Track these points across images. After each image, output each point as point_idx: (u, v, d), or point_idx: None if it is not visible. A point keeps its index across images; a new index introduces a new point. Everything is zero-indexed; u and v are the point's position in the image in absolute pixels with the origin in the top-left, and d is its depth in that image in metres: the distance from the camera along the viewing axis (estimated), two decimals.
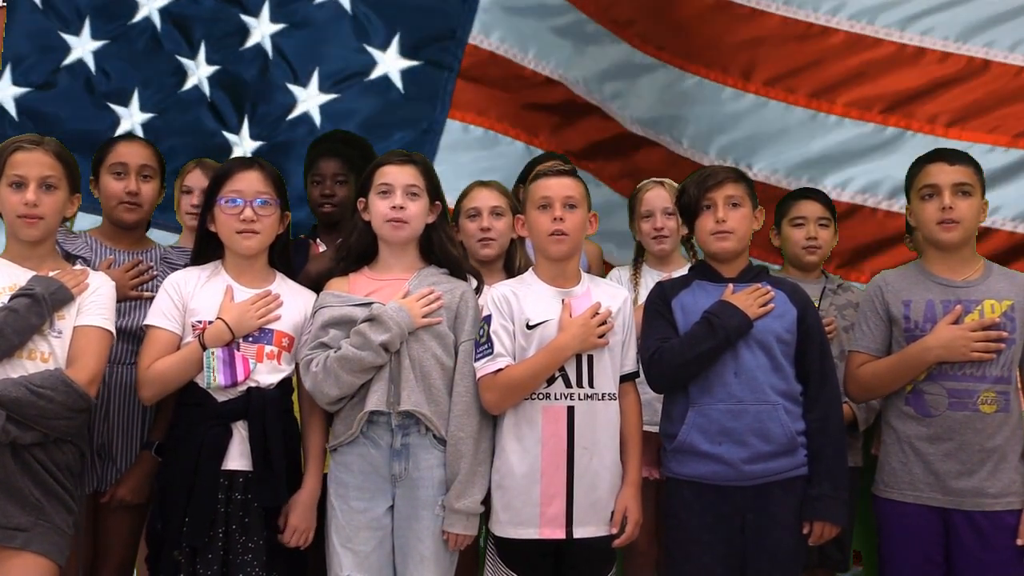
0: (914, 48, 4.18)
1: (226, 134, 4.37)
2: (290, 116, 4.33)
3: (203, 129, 4.39)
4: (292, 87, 4.33)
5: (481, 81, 4.33)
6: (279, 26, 4.37)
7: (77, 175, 2.89)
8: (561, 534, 2.75)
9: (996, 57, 4.13)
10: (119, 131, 4.39)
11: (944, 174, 2.96)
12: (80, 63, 4.49)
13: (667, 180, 3.56)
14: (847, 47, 4.23)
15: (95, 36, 4.50)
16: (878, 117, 4.21)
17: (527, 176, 3.82)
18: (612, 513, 2.80)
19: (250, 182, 2.88)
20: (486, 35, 4.32)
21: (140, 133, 4.32)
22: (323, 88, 4.31)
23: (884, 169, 4.11)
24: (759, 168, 4.27)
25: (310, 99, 4.30)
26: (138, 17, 4.51)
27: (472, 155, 4.12)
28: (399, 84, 4.30)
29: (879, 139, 4.19)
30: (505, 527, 2.78)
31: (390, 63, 4.31)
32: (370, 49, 4.32)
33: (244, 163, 2.97)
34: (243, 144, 4.36)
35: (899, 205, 4.02)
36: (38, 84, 4.51)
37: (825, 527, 2.78)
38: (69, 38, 4.49)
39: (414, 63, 4.31)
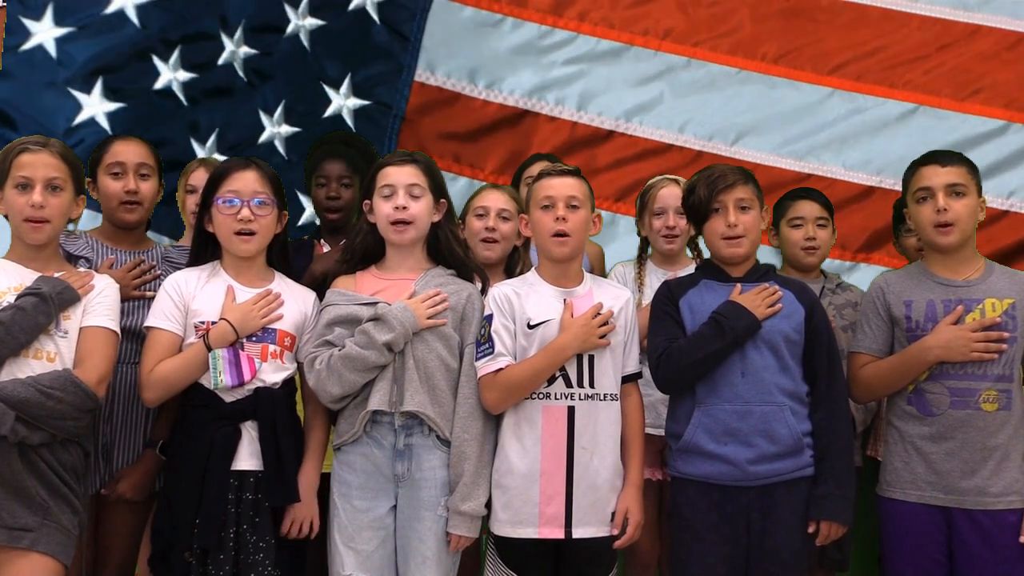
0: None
1: (193, 142, 4.39)
2: (260, 140, 4.39)
3: (174, 129, 4.41)
4: (262, 113, 4.39)
5: (427, 119, 4.43)
6: (253, 51, 4.42)
7: (82, 177, 2.92)
8: (560, 534, 2.77)
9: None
10: (79, 119, 4.40)
11: (937, 176, 3.00)
12: (40, 48, 4.50)
13: (681, 178, 3.52)
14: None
15: (58, 23, 4.50)
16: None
17: (518, 180, 3.85)
18: (613, 514, 2.82)
19: (247, 182, 2.89)
20: (431, 71, 4.43)
21: (105, 122, 4.31)
22: (288, 120, 4.37)
23: None
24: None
25: (274, 128, 4.36)
26: (111, 8, 4.52)
27: None
28: (351, 123, 4.38)
29: None
30: (504, 526, 2.80)
31: (343, 101, 4.39)
32: (326, 88, 4.40)
33: (241, 163, 2.96)
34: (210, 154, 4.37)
35: None
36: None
37: (832, 527, 2.80)
38: (28, 23, 4.50)
39: (364, 103, 4.40)
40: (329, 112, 4.38)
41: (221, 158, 4.13)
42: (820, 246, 3.56)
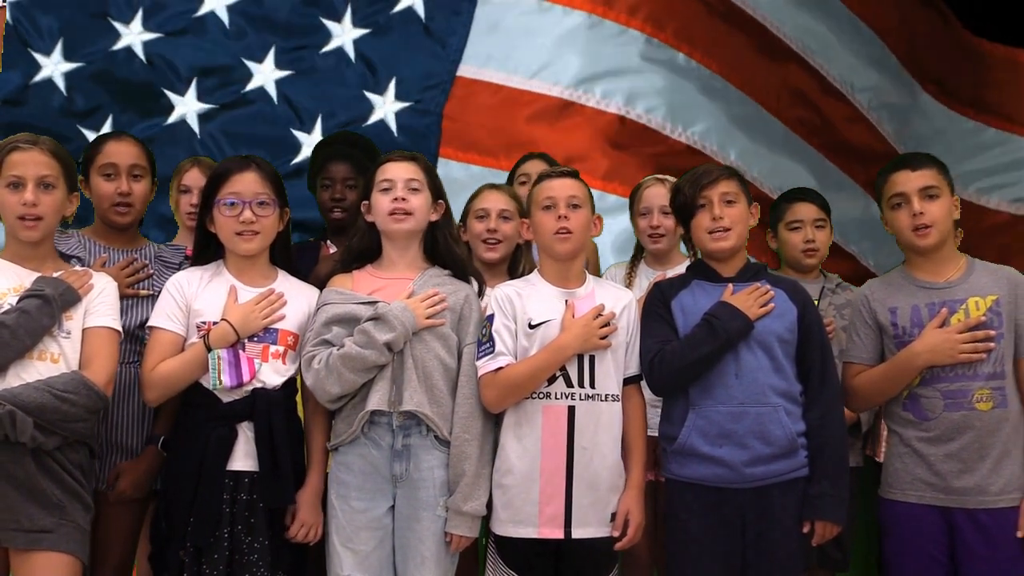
0: None
1: None
2: (294, 161, 4.47)
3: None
4: (297, 132, 4.46)
5: (472, 113, 4.48)
6: (285, 72, 4.47)
7: (75, 174, 2.96)
8: (560, 534, 2.82)
9: None
10: None
11: (910, 181, 3.05)
12: (49, 82, 4.56)
13: (668, 177, 3.56)
14: None
15: (68, 58, 4.57)
16: None
17: (511, 178, 3.89)
18: (613, 515, 2.87)
19: (247, 183, 2.93)
20: (479, 65, 4.49)
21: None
22: (326, 135, 4.44)
23: None
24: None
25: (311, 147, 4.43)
26: (119, 45, 4.59)
27: (463, 190, 4.21)
28: (393, 127, 4.47)
29: None
30: (505, 526, 2.86)
31: (387, 107, 4.47)
32: (369, 95, 4.48)
33: (241, 164, 3.00)
34: None
35: None
36: (5, 99, 4.58)
37: (826, 526, 2.85)
38: (39, 56, 4.56)
39: (406, 104, 4.48)
40: (373, 119, 4.49)
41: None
42: (819, 247, 3.63)
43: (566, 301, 2.92)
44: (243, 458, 2.83)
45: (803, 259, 3.62)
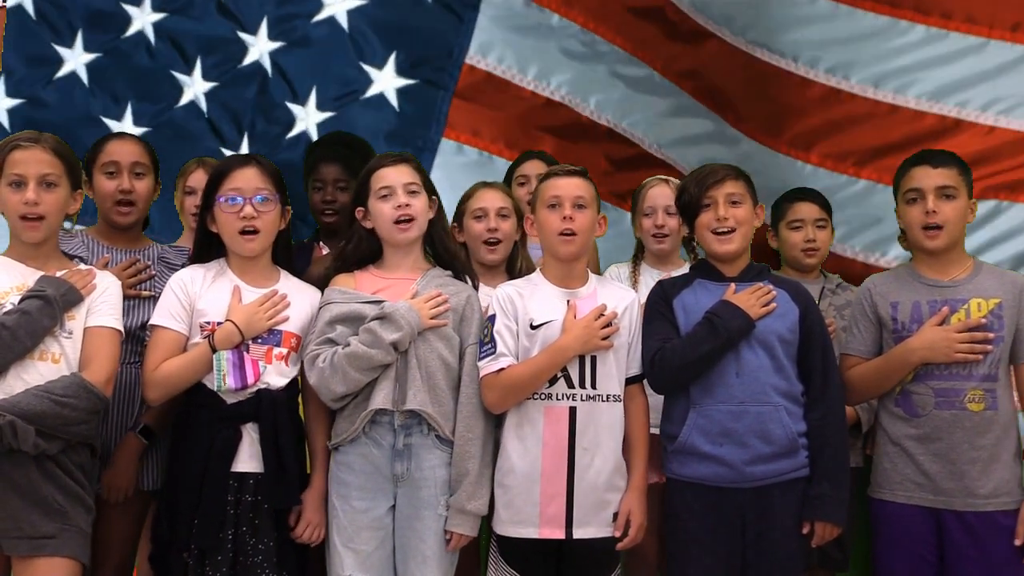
0: (888, 105, 4.20)
1: (224, 151, 4.45)
2: (289, 135, 4.42)
3: (200, 146, 4.48)
4: (291, 105, 4.44)
5: (476, 101, 4.42)
6: (278, 44, 4.48)
7: (78, 171, 2.96)
8: (560, 534, 2.84)
9: (968, 117, 4.13)
10: None
11: (928, 178, 3.06)
12: (73, 76, 4.58)
13: (672, 178, 3.61)
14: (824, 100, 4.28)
15: (88, 49, 4.59)
16: (850, 169, 4.25)
17: (510, 178, 3.89)
18: (615, 515, 2.89)
19: (248, 179, 2.94)
20: (483, 55, 4.44)
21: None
22: (320, 106, 4.41)
23: (860, 219, 4.16)
24: None
25: (309, 117, 4.40)
26: (131, 31, 4.61)
27: (466, 175, 4.08)
28: (394, 102, 4.40)
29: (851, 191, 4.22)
30: (506, 526, 2.88)
31: (387, 81, 4.41)
32: (367, 67, 4.42)
33: (241, 160, 3.02)
34: None
35: None
36: (31, 96, 4.59)
37: (826, 527, 2.86)
38: (62, 50, 4.58)
39: (410, 81, 4.40)
40: (371, 93, 4.40)
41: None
42: (820, 247, 3.64)
43: (568, 301, 2.94)
44: (247, 459, 2.83)
45: (803, 258, 3.63)
